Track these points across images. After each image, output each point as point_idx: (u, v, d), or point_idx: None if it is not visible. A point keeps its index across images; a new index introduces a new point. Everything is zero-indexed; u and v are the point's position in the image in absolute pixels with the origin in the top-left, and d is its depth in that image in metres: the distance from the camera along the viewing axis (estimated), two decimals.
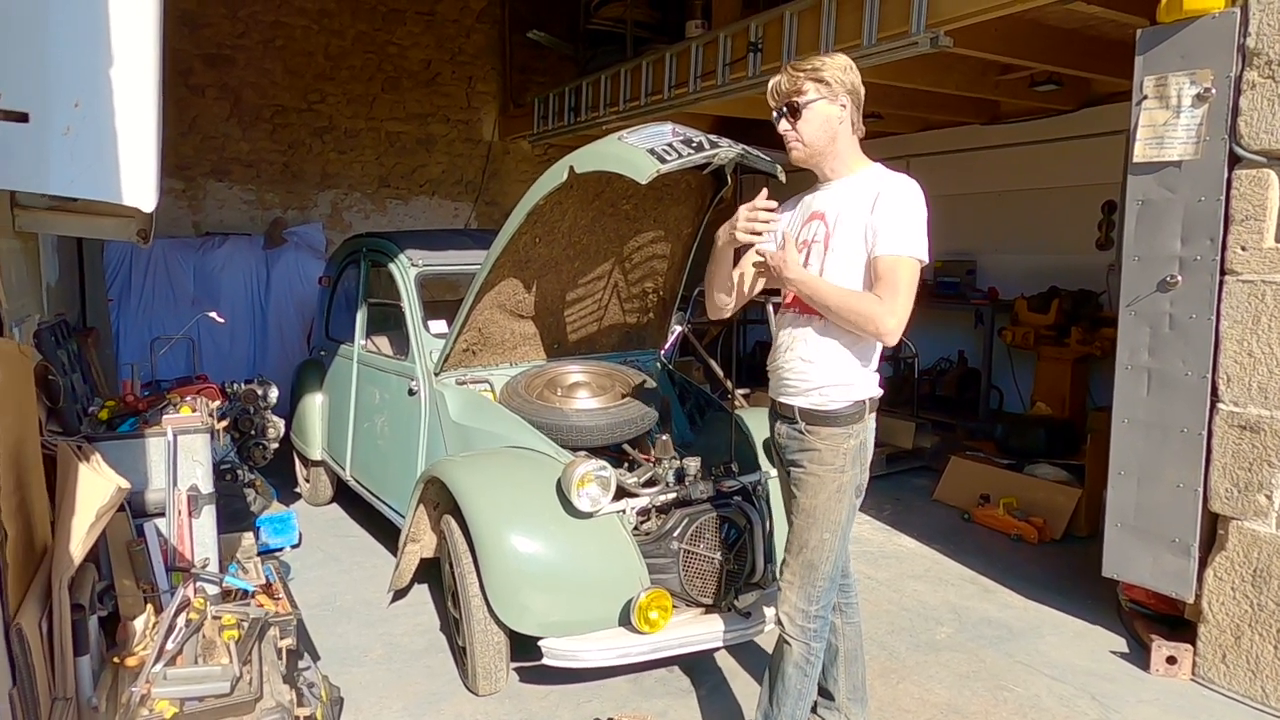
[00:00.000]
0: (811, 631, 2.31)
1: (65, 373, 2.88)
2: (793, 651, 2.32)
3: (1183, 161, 3.06)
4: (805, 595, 2.29)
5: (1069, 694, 3.07)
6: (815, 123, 2.26)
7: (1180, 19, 3.01)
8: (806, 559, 2.29)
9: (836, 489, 2.27)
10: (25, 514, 1.97)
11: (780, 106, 2.28)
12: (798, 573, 2.30)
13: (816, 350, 2.28)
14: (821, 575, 2.29)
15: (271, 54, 7.63)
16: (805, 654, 2.31)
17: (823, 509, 2.27)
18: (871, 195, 2.24)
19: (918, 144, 7.43)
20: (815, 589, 2.29)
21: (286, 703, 2.14)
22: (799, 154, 2.31)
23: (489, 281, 3.46)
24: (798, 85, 2.24)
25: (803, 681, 2.34)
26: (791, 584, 2.31)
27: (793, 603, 2.31)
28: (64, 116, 2.11)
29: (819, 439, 2.28)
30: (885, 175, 2.30)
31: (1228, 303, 2.99)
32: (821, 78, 2.23)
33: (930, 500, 5.34)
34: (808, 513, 2.29)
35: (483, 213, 8.89)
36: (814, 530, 2.28)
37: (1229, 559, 3.04)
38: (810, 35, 4.84)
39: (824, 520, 2.27)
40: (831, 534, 2.28)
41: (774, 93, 2.30)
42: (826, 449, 2.28)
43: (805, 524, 2.29)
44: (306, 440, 5.07)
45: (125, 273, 6.53)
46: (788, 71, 2.27)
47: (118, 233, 2.83)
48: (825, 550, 2.28)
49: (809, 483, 2.29)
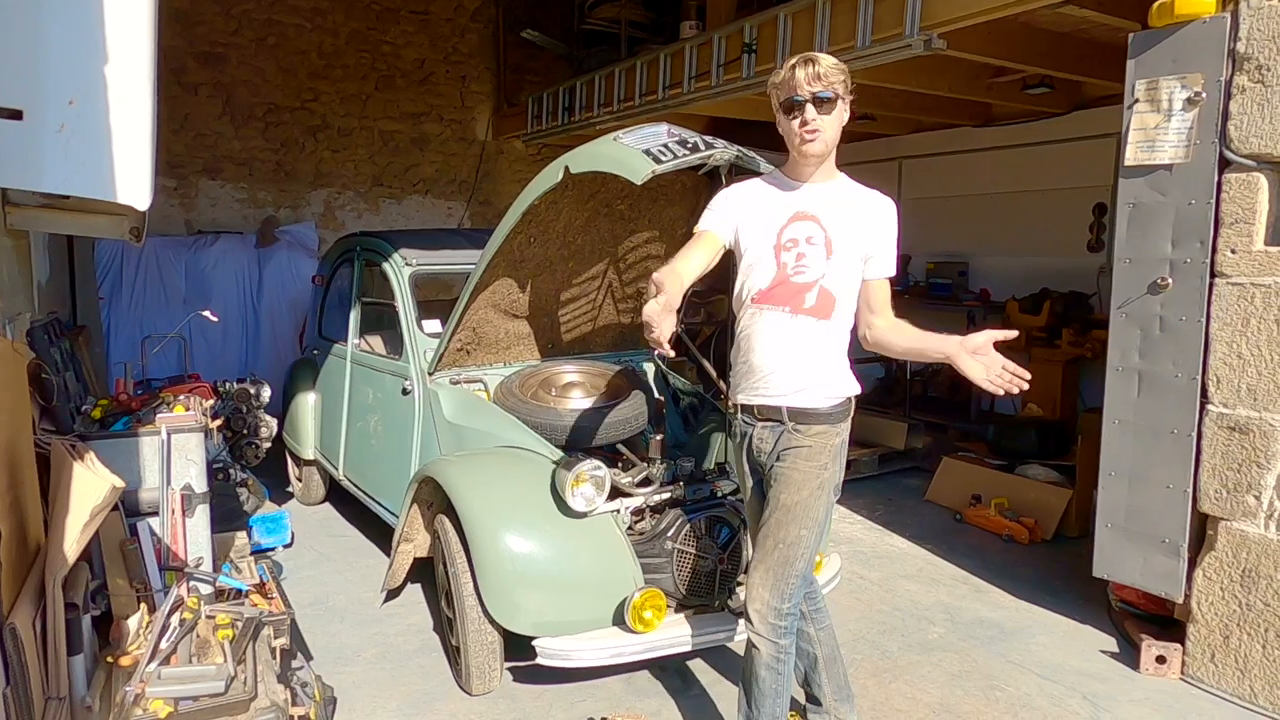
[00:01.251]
0: (781, 629, 2.28)
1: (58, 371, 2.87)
2: (761, 653, 2.29)
3: (1173, 165, 3.08)
4: (778, 593, 2.27)
5: (1060, 693, 3.09)
6: (837, 121, 2.25)
7: (1172, 23, 3.03)
8: (783, 555, 2.27)
9: (818, 485, 2.28)
10: (18, 513, 1.97)
11: (814, 93, 2.17)
12: (772, 569, 2.28)
13: (809, 350, 2.27)
14: (795, 572, 2.28)
15: (265, 52, 7.61)
16: (774, 652, 2.29)
17: (804, 505, 2.27)
18: (864, 210, 2.31)
19: (910, 146, 7.45)
20: (788, 586, 2.27)
21: (280, 702, 2.14)
22: (819, 147, 2.24)
23: (483, 281, 3.45)
24: (833, 79, 2.19)
25: (777, 680, 2.31)
26: (764, 582, 2.28)
27: (765, 600, 2.27)
28: (58, 114, 2.11)
29: (806, 436, 2.28)
30: (867, 190, 2.36)
31: (1217, 305, 3.01)
32: (845, 80, 2.22)
33: (922, 501, 5.36)
34: (788, 508, 2.27)
35: (476, 212, 8.88)
36: (793, 526, 2.27)
37: (1218, 559, 3.06)
38: (804, 37, 4.85)
39: (804, 516, 2.27)
40: (809, 530, 2.28)
41: (810, 78, 2.17)
42: (814, 446, 2.28)
43: (784, 519, 2.27)
44: (299, 439, 5.05)
45: (116, 271, 6.50)
46: (818, 61, 2.18)
47: (110, 231, 2.82)
48: (802, 547, 2.27)
49: (793, 479, 2.28)
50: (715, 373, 3.49)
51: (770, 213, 2.32)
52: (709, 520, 3.00)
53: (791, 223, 2.30)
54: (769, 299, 2.30)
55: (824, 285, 2.26)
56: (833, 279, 2.26)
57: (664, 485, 3.10)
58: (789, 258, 2.28)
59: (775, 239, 2.29)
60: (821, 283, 2.26)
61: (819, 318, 2.26)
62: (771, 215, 2.32)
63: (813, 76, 2.17)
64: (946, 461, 5.44)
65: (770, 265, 2.30)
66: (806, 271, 2.26)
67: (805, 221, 2.29)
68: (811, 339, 2.27)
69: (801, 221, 2.29)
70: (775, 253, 2.29)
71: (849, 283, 2.29)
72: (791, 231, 2.29)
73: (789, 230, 2.29)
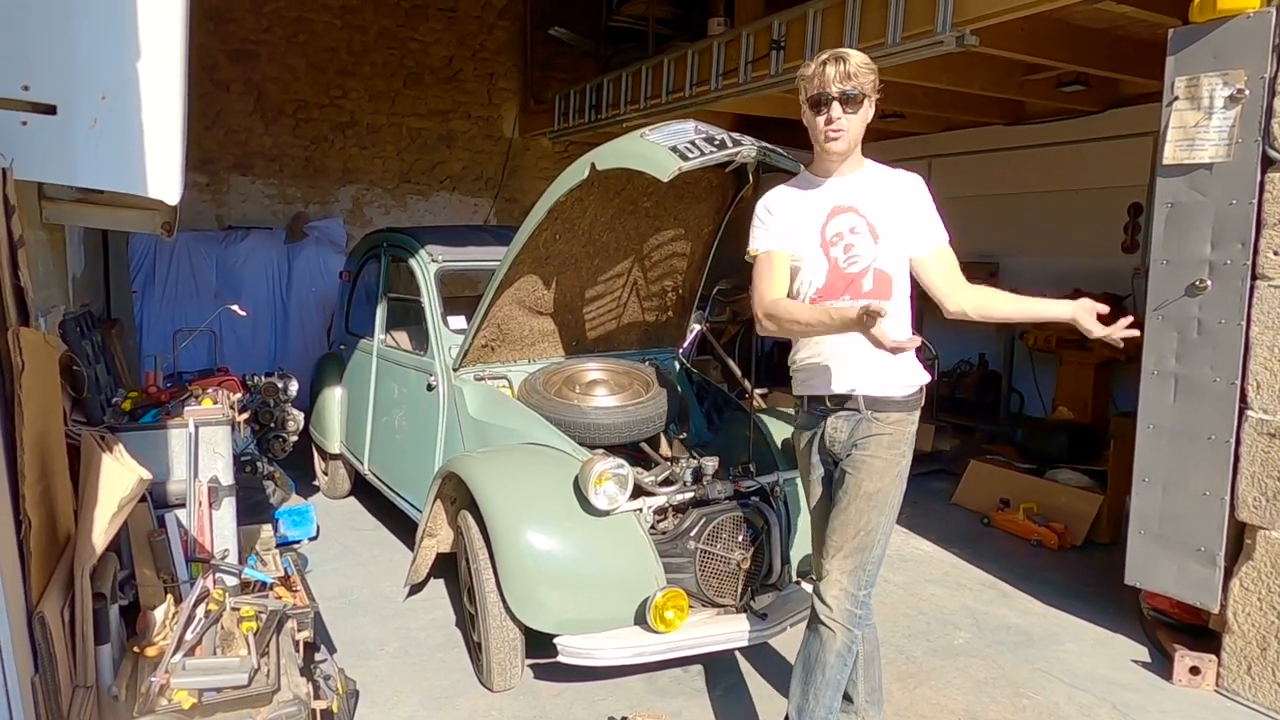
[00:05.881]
0: (857, 618, 2.29)
1: (89, 363, 2.91)
2: (836, 639, 2.28)
3: (1214, 164, 3.00)
4: (856, 579, 2.28)
5: (1089, 703, 3.03)
6: (862, 119, 2.25)
7: (1213, 19, 2.95)
8: (862, 542, 2.27)
9: (897, 473, 2.30)
10: (49, 503, 1.99)
11: (843, 91, 2.17)
12: (850, 556, 2.28)
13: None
14: (873, 559, 2.29)
15: (295, 49, 7.68)
16: (848, 641, 2.29)
17: (884, 492, 2.28)
18: (895, 189, 2.33)
19: (940, 144, 7.36)
20: (866, 574, 2.29)
21: (303, 695, 2.15)
22: (842, 145, 2.25)
23: (508, 278, 3.46)
24: (862, 79, 2.18)
25: (842, 672, 2.32)
26: (843, 568, 2.28)
27: (843, 586, 2.28)
28: (91, 109, 2.14)
29: (885, 424, 2.29)
30: (893, 171, 2.38)
31: (1258, 308, 2.93)
32: (874, 80, 2.22)
33: (949, 504, 5.29)
34: (869, 496, 2.27)
35: (502, 209, 8.91)
36: (874, 513, 2.27)
37: (1256, 569, 2.98)
38: (834, 33, 4.80)
39: (884, 504, 2.28)
40: (888, 518, 2.30)
41: (840, 76, 2.17)
42: (893, 434, 2.29)
43: (866, 506, 2.27)
44: (325, 434, 5.10)
45: (149, 265, 6.60)
46: (848, 60, 2.18)
47: (143, 225, 2.85)
48: (880, 533, 2.29)
49: (875, 466, 2.28)
50: (740, 371, 3.46)
51: (808, 213, 2.35)
52: (732, 520, 2.98)
53: (832, 218, 2.32)
54: (829, 294, 2.32)
55: (877, 268, 2.29)
56: (884, 261, 2.29)
57: (687, 485, 3.08)
58: (838, 252, 2.30)
59: (820, 237, 2.32)
60: (875, 266, 2.28)
61: (881, 299, 2.24)
62: (810, 215, 2.35)
63: (842, 75, 2.18)
64: (974, 464, 5.36)
65: (821, 262, 2.32)
66: (858, 260, 2.28)
67: (845, 214, 2.31)
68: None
69: (841, 214, 2.32)
70: (824, 250, 2.32)
71: (899, 263, 2.32)
72: (834, 226, 2.32)
73: (831, 225, 2.32)
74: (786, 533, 3.08)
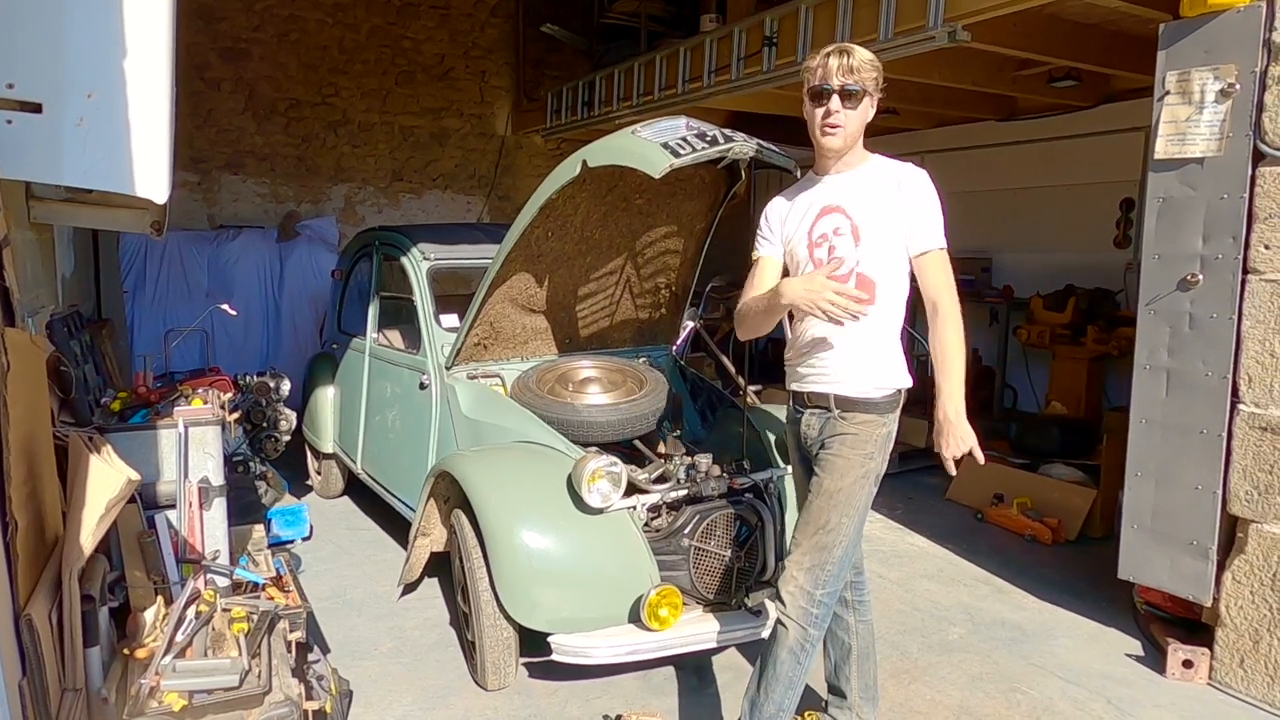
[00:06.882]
0: (813, 617, 2.26)
1: (78, 364, 2.89)
2: (789, 635, 2.27)
3: (1205, 158, 3.01)
4: (813, 578, 2.26)
5: (1083, 697, 3.04)
6: (861, 116, 2.24)
7: (1204, 13, 2.95)
8: (821, 540, 2.25)
9: (862, 474, 2.27)
10: (36, 504, 1.98)
11: (844, 85, 2.15)
12: (809, 553, 2.27)
13: (854, 337, 2.25)
14: (833, 559, 2.26)
15: (286, 48, 7.65)
16: (802, 639, 2.26)
17: (846, 492, 2.26)
18: (892, 184, 2.26)
19: (933, 140, 7.37)
20: (824, 572, 2.26)
21: (295, 696, 2.14)
22: (838, 142, 2.24)
23: (501, 276, 3.44)
24: (864, 74, 2.16)
25: (795, 669, 2.28)
26: (800, 564, 2.27)
27: (799, 582, 2.26)
28: (77, 107, 2.12)
29: (851, 424, 2.28)
30: (897, 164, 2.31)
31: (1250, 302, 2.94)
32: (876, 77, 2.20)
33: (943, 499, 5.30)
34: (830, 494, 2.26)
35: (495, 207, 8.89)
36: (834, 511, 2.25)
37: (1248, 562, 2.99)
38: (826, 29, 4.80)
39: (846, 503, 2.26)
40: (849, 518, 2.27)
41: (842, 69, 2.15)
42: (860, 434, 2.27)
43: (826, 505, 2.26)
44: (318, 433, 5.08)
45: (140, 264, 6.57)
46: (852, 54, 2.16)
47: (132, 225, 2.83)
48: (841, 533, 2.26)
49: (836, 465, 2.27)
50: (734, 368, 3.46)
51: (802, 214, 2.37)
52: (726, 518, 2.97)
53: (819, 219, 2.33)
54: None
55: (860, 271, 2.26)
56: (868, 265, 2.25)
57: (681, 482, 3.07)
58: (821, 254, 2.31)
59: (808, 238, 2.34)
60: (857, 270, 2.26)
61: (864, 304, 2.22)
62: (803, 216, 2.37)
63: (845, 69, 2.17)
64: (968, 460, 5.36)
65: (807, 264, 2.34)
66: (841, 263, 2.27)
67: (831, 214, 2.31)
68: (857, 326, 2.21)
69: (828, 215, 2.31)
70: (809, 251, 2.33)
71: (887, 266, 2.26)
72: (820, 227, 2.32)
73: (818, 226, 2.33)
74: (780, 529, 3.08)
